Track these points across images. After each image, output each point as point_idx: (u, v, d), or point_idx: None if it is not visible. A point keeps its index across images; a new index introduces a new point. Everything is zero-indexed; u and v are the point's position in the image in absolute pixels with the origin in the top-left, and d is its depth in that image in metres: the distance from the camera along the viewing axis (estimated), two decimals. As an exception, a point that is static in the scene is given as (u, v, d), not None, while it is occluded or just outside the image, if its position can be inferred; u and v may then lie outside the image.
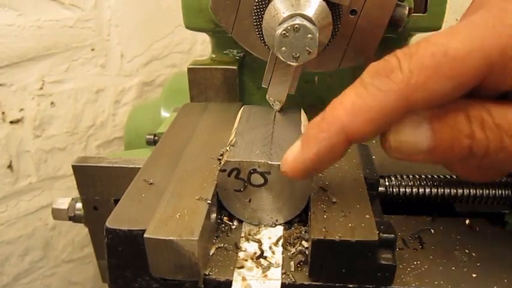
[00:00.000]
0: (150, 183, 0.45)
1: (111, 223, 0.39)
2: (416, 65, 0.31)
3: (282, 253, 0.40)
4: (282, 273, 0.38)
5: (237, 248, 0.41)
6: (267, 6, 0.45)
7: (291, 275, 0.38)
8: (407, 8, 0.47)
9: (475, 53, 0.30)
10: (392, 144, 0.34)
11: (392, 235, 0.36)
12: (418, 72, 0.31)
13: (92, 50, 1.17)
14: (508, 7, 0.31)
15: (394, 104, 0.32)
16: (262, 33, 0.47)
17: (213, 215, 0.42)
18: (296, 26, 0.42)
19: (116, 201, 0.47)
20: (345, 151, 0.35)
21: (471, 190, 0.47)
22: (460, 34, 0.31)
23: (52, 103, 1.15)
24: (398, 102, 0.32)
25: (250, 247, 0.41)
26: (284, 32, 0.42)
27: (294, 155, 0.37)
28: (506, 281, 0.38)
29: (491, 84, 0.32)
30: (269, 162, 0.41)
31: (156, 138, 0.71)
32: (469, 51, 0.30)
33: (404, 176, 0.48)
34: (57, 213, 0.63)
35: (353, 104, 0.33)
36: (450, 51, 0.30)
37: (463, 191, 0.47)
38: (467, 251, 0.41)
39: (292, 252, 0.40)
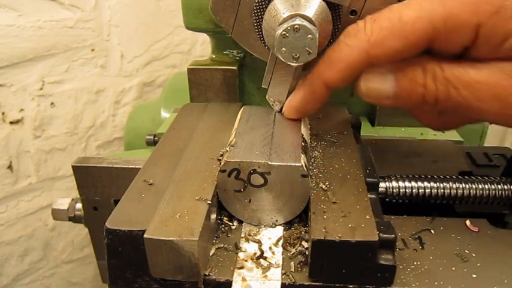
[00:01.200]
0: (150, 184, 0.45)
1: (111, 223, 0.39)
2: (377, 27, 0.39)
3: (282, 253, 0.40)
4: (282, 274, 0.38)
5: (237, 248, 0.41)
6: (267, 6, 0.45)
7: (291, 276, 0.38)
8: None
9: (423, 18, 0.37)
10: (362, 89, 0.43)
11: (393, 235, 0.36)
12: (377, 32, 0.39)
13: (92, 50, 1.17)
14: None
15: (357, 56, 0.40)
16: (262, 34, 0.47)
17: (213, 216, 0.42)
18: (296, 26, 0.42)
19: (116, 202, 0.47)
20: (325, 96, 0.45)
21: (471, 190, 0.47)
22: (414, 4, 0.38)
23: (52, 103, 1.15)
24: (360, 54, 0.40)
25: (250, 247, 0.41)
26: (284, 32, 0.42)
27: (288, 100, 0.49)
28: (506, 281, 0.38)
29: (440, 47, 0.39)
30: (269, 163, 0.41)
31: (156, 138, 0.71)
32: (418, 17, 0.37)
33: (404, 176, 0.48)
34: (57, 214, 0.63)
35: (328, 56, 0.43)
36: (403, 16, 0.38)
37: (463, 191, 0.47)
38: (467, 251, 0.41)
39: (292, 253, 0.40)
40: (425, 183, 0.47)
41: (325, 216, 0.38)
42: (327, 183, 0.43)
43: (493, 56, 0.38)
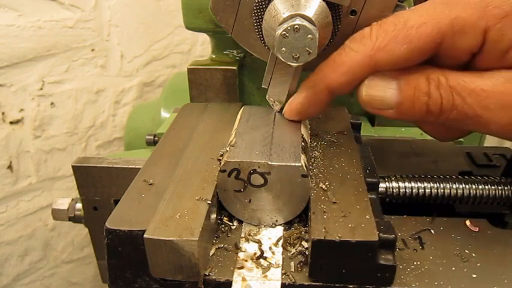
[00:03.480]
0: (150, 184, 0.45)
1: (111, 223, 0.39)
2: (382, 32, 0.39)
3: (282, 253, 0.40)
4: (282, 274, 0.38)
5: (237, 248, 0.41)
6: (267, 6, 0.45)
7: (291, 276, 0.38)
8: (407, 8, 0.47)
9: (429, 23, 0.37)
10: (364, 97, 0.42)
11: (393, 235, 0.36)
12: (382, 38, 0.39)
13: (92, 50, 1.17)
14: None
15: (361, 61, 0.40)
16: (262, 34, 0.47)
17: (213, 216, 0.42)
18: (296, 26, 0.42)
19: (116, 202, 0.47)
20: (327, 100, 0.45)
21: (471, 190, 0.47)
22: (420, 9, 0.38)
23: (52, 103, 1.15)
24: (364, 59, 0.40)
25: (250, 247, 0.41)
26: (284, 32, 0.42)
27: (290, 101, 0.48)
28: (506, 281, 0.38)
29: (446, 53, 0.38)
30: (269, 163, 0.41)
31: (156, 138, 0.71)
32: (424, 22, 0.37)
33: (404, 176, 0.48)
34: (57, 214, 0.63)
35: (333, 60, 0.42)
36: (409, 21, 0.38)
37: (463, 191, 0.47)
38: (467, 251, 0.41)
39: (292, 253, 0.40)
40: (425, 183, 0.47)
41: (325, 216, 0.38)
42: (327, 183, 0.43)
43: (499, 64, 0.37)
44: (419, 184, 0.47)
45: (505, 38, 0.36)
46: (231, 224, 0.44)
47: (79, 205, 0.61)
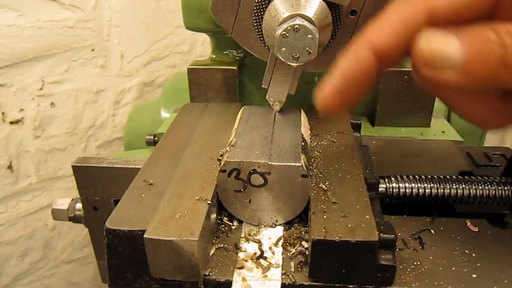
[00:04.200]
0: (150, 184, 0.45)
1: (111, 223, 0.39)
2: None
3: (282, 253, 0.40)
4: (282, 274, 0.38)
5: (237, 248, 0.41)
6: (267, 6, 0.45)
7: (291, 276, 0.38)
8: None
9: None
10: (425, 53, 0.33)
11: (393, 235, 0.36)
12: None
13: (92, 50, 1.17)
14: None
15: (416, 11, 0.33)
16: (262, 34, 0.47)
17: (213, 216, 0.42)
18: (296, 26, 0.42)
19: (116, 202, 0.47)
20: (374, 72, 0.34)
21: (471, 190, 0.47)
22: None
23: (52, 103, 1.15)
24: (418, 8, 0.33)
25: (250, 247, 0.41)
26: (284, 32, 0.42)
27: (326, 84, 0.36)
28: (506, 281, 0.38)
29: (506, 10, 0.32)
30: (269, 163, 0.41)
31: (156, 138, 0.71)
32: None
33: (404, 176, 0.48)
34: (57, 214, 0.63)
35: (379, 18, 0.34)
36: None
37: (463, 191, 0.47)
38: (467, 251, 0.41)
39: (292, 253, 0.40)
40: (425, 184, 0.47)
41: (325, 216, 0.38)
42: (327, 183, 0.43)
43: None
44: (419, 184, 0.47)
45: None
46: (231, 224, 0.44)
47: (79, 205, 0.61)
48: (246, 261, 0.40)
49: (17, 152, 1.11)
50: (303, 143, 0.45)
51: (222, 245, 0.42)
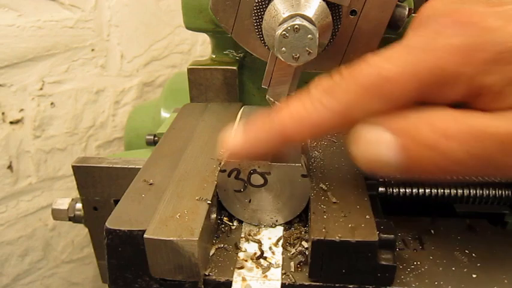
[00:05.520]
0: (150, 184, 0.45)
1: (111, 223, 0.39)
2: (354, 85, 0.33)
3: (282, 253, 0.40)
4: (282, 274, 0.38)
5: (237, 248, 0.41)
6: (267, 6, 0.45)
7: (291, 276, 0.38)
8: (408, 8, 0.47)
9: (405, 74, 0.32)
10: (359, 160, 0.34)
11: (392, 235, 0.36)
12: (354, 91, 0.33)
13: (92, 50, 1.17)
14: (441, 31, 0.32)
15: (332, 118, 0.34)
16: (262, 34, 0.47)
17: (213, 216, 0.42)
18: (296, 26, 0.42)
19: (116, 202, 0.47)
20: (278, 144, 0.37)
21: (471, 190, 0.46)
22: (394, 57, 0.33)
23: (52, 103, 1.15)
24: (335, 117, 0.34)
25: (250, 247, 0.41)
26: (284, 32, 0.42)
27: (235, 139, 0.39)
28: (506, 281, 0.38)
29: (433, 101, 0.33)
30: (269, 163, 0.41)
31: (156, 138, 0.71)
32: (400, 73, 0.32)
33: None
34: (57, 214, 0.63)
35: (298, 114, 0.35)
36: (383, 72, 0.32)
37: (463, 192, 0.47)
38: (467, 251, 0.41)
39: (292, 253, 0.40)
40: (425, 184, 0.47)
41: (325, 216, 0.38)
42: (327, 183, 0.43)
43: (506, 104, 0.31)
44: (419, 184, 0.47)
45: (501, 81, 0.30)
46: (231, 224, 0.44)
47: (79, 205, 0.61)
48: (246, 261, 0.40)
49: (17, 152, 1.11)
50: (303, 143, 0.45)
51: (222, 245, 0.42)
